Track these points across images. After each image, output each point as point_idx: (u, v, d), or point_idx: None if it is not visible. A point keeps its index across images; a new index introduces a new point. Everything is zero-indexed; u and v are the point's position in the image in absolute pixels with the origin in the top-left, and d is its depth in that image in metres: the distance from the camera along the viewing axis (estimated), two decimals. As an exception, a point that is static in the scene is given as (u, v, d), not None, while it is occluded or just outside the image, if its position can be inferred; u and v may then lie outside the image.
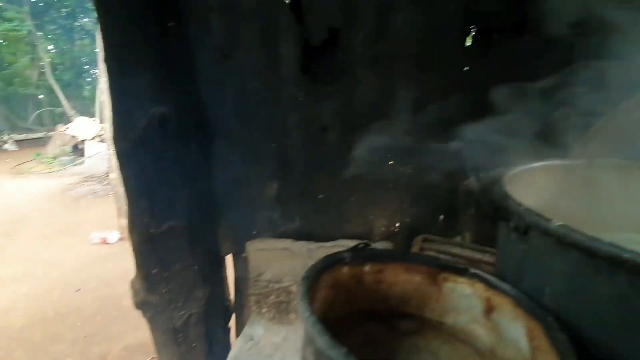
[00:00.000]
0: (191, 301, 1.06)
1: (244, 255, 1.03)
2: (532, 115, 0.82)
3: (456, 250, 0.91)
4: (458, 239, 1.06)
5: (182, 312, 1.04)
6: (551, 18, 0.94)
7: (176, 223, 0.97)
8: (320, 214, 1.13)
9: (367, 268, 0.61)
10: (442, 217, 1.11)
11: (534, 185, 0.67)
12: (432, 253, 0.92)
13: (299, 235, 1.11)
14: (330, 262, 0.56)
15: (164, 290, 1.02)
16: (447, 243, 0.95)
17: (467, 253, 0.90)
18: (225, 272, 1.21)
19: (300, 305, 0.41)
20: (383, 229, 1.14)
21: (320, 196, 1.13)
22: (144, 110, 0.82)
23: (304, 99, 1.05)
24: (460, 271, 0.57)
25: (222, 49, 0.97)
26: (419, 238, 0.98)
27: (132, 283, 1.04)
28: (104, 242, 3.14)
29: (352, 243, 0.95)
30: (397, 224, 1.13)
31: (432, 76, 0.99)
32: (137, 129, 0.85)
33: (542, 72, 0.91)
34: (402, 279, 0.61)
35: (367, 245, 0.59)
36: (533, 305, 0.46)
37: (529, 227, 0.47)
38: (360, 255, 0.60)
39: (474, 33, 1.00)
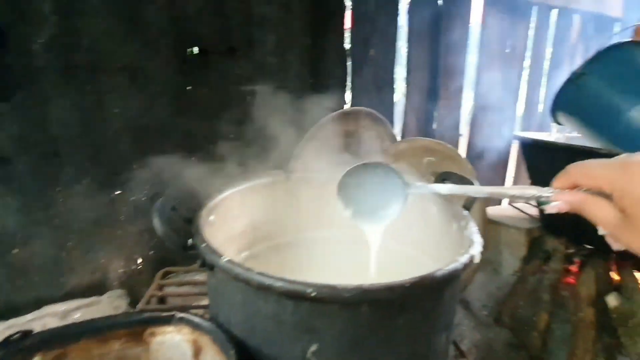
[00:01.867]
0: None
1: None
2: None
3: (199, 277, 0.88)
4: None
5: None
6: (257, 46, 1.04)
7: None
8: (18, 275, 0.82)
9: (35, 361, 0.45)
10: (190, 241, 1.05)
11: (246, 205, 0.72)
12: (172, 288, 0.84)
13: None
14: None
15: None
16: (190, 271, 0.90)
17: (211, 276, 0.88)
18: None
19: None
20: (121, 270, 0.96)
21: (15, 250, 0.82)
22: None
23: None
24: (167, 320, 0.52)
25: None
26: (159, 274, 0.88)
27: None
28: None
29: (66, 306, 0.73)
30: (140, 260, 0.99)
31: (149, 93, 0.90)
32: None
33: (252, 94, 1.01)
34: (98, 354, 0.50)
35: (26, 333, 0.44)
36: (224, 338, 0.47)
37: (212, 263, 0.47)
38: (19, 348, 0.43)
39: (193, 53, 0.98)
